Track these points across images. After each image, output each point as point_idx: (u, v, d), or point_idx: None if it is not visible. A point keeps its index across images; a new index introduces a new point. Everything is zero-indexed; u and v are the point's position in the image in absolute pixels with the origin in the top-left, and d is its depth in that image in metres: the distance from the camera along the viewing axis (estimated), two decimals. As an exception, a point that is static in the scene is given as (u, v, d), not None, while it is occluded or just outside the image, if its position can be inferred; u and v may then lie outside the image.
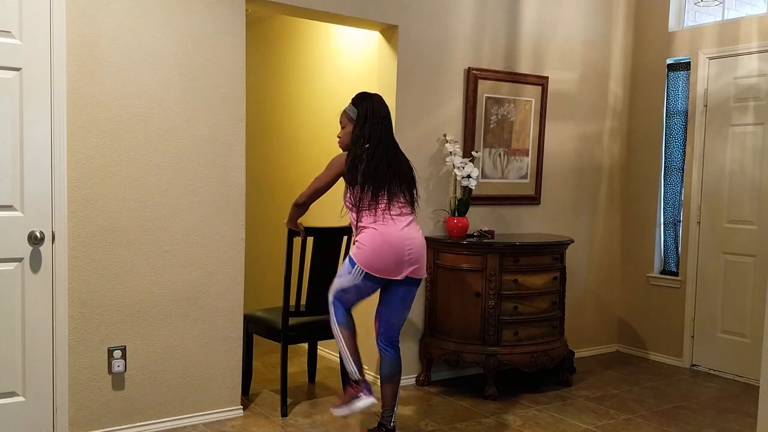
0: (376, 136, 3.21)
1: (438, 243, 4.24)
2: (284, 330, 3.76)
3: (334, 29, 4.79)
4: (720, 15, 4.95)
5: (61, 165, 3.13)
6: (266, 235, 5.45)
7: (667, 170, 5.11)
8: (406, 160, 3.33)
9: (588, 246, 5.16)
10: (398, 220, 3.17)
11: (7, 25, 3.00)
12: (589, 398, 4.21)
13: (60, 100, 3.11)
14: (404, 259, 3.13)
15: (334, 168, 3.29)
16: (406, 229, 3.17)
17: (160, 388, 3.46)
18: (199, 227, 3.52)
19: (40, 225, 3.11)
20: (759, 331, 4.26)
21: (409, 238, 3.15)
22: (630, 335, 5.33)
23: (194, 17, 3.44)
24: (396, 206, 3.19)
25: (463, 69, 4.41)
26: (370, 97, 3.31)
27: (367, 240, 3.14)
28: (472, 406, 4.01)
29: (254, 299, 4.85)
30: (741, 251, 4.64)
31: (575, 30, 4.93)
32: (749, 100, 4.59)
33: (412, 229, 3.19)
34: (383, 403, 3.29)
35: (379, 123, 3.22)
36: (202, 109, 3.50)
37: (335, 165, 3.29)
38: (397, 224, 3.16)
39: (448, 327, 4.21)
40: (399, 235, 3.14)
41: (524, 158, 4.75)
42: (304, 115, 5.16)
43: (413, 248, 3.16)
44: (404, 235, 3.15)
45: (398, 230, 3.15)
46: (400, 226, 3.16)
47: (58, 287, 3.16)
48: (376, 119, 3.22)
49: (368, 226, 3.16)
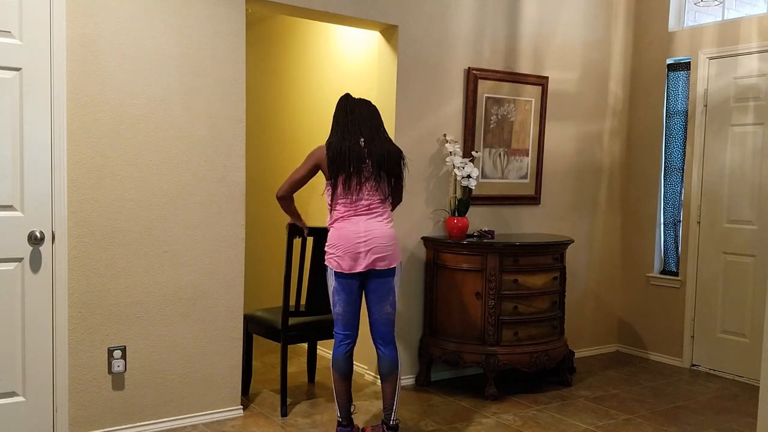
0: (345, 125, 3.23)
1: (438, 243, 4.24)
2: (284, 330, 3.76)
3: (334, 29, 4.79)
4: (720, 15, 4.95)
5: (61, 165, 3.13)
6: (266, 235, 5.45)
7: (667, 170, 5.11)
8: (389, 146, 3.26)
9: (588, 246, 5.16)
10: (363, 215, 3.18)
11: (7, 25, 3.00)
12: (589, 398, 4.21)
13: (60, 100, 3.11)
14: (360, 250, 3.14)
15: (311, 159, 3.30)
16: (368, 222, 3.17)
17: (160, 388, 3.46)
18: (199, 227, 3.52)
19: (40, 225, 3.11)
20: (759, 331, 4.25)
21: (366, 230, 3.15)
22: (630, 335, 5.33)
23: (194, 17, 3.44)
24: (365, 199, 3.19)
25: (463, 69, 4.41)
26: (345, 97, 3.33)
27: (330, 239, 3.23)
28: (472, 406, 4.01)
29: (254, 299, 4.85)
30: (741, 251, 4.64)
31: (575, 30, 4.93)
32: (749, 100, 4.59)
33: (373, 222, 3.17)
34: (383, 401, 3.30)
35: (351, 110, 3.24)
36: (202, 109, 3.50)
37: (312, 156, 3.30)
38: (359, 218, 3.18)
39: (448, 327, 4.21)
40: (354, 228, 3.16)
41: (524, 158, 4.75)
42: (304, 115, 5.16)
43: (370, 239, 3.14)
44: (361, 228, 3.16)
45: (355, 224, 3.17)
46: (363, 219, 3.17)
47: (58, 287, 3.16)
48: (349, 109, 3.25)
49: (332, 225, 3.25)
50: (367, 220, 3.18)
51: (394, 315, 3.29)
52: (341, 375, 3.28)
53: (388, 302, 3.24)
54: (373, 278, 3.20)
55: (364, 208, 3.19)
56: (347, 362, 3.29)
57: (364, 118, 3.24)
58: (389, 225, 3.24)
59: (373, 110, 3.31)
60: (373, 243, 3.14)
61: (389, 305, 3.25)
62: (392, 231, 3.24)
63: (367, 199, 3.19)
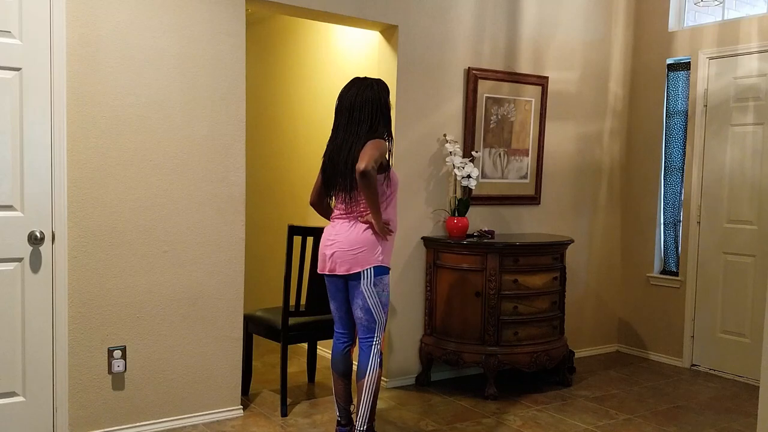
0: (336, 125, 3.17)
1: (438, 243, 4.24)
2: (284, 330, 3.76)
3: (334, 29, 4.79)
4: (720, 15, 4.94)
5: (61, 165, 3.13)
6: (266, 235, 5.45)
7: (667, 170, 5.11)
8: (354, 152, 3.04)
9: (588, 246, 5.16)
10: (337, 219, 3.19)
11: (7, 25, 3.00)
12: (589, 398, 4.21)
13: (60, 101, 3.11)
14: (326, 253, 3.16)
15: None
16: (338, 226, 3.16)
17: (160, 388, 3.46)
18: (199, 227, 3.52)
19: (40, 225, 3.11)
20: (759, 331, 4.26)
21: (334, 234, 3.14)
22: (630, 335, 5.33)
23: (194, 17, 3.44)
24: (339, 203, 3.18)
25: (463, 69, 4.41)
26: (347, 87, 3.20)
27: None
28: (472, 406, 4.01)
29: (254, 299, 4.85)
30: (741, 251, 4.64)
31: (575, 30, 4.93)
32: (749, 100, 4.59)
33: (341, 226, 3.14)
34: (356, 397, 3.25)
35: (341, 111, 3.14)
36: (202, 109, 3.50)
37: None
38: (334, 222, 3.20)
39: (448, 327, 4.21)
40: (327, 232, 3.20)
41: (524, 158, 4.75)
42: (304, 115, 5.16)
43: (333, 243, 3.13)
44: (331, 232, 3.16)
45: (330, 227, 3.20)
46: (338, 223, 3.17)
47: (58, 287, 3.16)
48: (341, 106, 3.15)
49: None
50: (339, 225, 3.16)
51: (367, 321, 3.14)
52: (338, 374, 3.28)
53: (359, 306, 3.14)
54: (348, 281, 3.18)
55: (340, 212, 3.19)
56: (344, 361, 3.29)
57: (343, 117, 3.13)
58: (356, 230, 3.10)
59: (356, 99, 3.10)
60: (334, 248, 3.13)
61: (359, 310, 3.14)
62: (357, 237, 3.09)
63: (340, 204, 3.18)
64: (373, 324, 3.16)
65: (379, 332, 3.18)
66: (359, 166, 2.92)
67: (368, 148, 3.00)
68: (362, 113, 3.09)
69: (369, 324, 3.15)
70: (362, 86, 3.14)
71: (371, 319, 3.14)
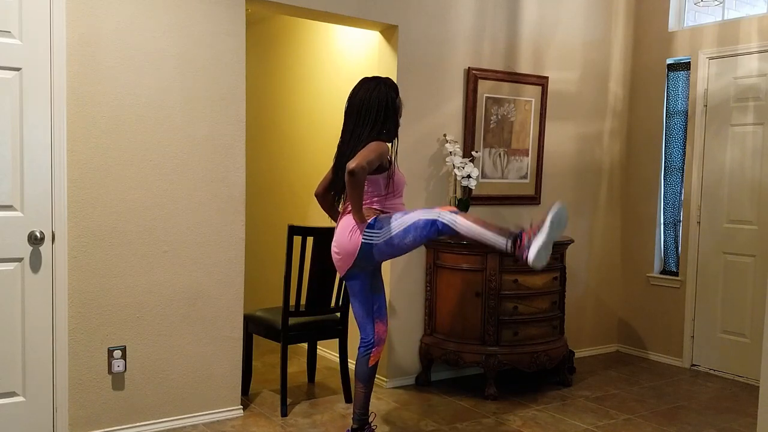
0: (344, 128, 3.18)
1: (438, 243, 4.23)
2: (284, 330, 3.76)
3: (334, 29, 4.79)
4: (720, 15, 4.94)
5: (61, 165, 3.13)
6: (266, 235, 5.45)
7: (667, 170, 5.11)
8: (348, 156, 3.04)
9: (588, 246, 5.16)
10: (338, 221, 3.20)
11: (7, 25, 3.00)
12: (589, 398, 4.21)
13: (60, 100, 3.11)
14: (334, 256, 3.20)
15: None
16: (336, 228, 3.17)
17: (160, 388, 3.46)
18: (199, 227, 3.52)
19: (40, 225, 3.11)
20: (759, 331, 4.25)
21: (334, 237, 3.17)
22: (630, 335, 5.33)
23: (194, 17, 3.44)
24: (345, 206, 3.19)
25: (463, 69, 4.41)
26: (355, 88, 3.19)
27: None
28: (472, 406, 4.01)
29: (254, 299, 4.84)
30: (741, 251, 4.64)
31: (575, 30, 4.93)
32: (749, 100, 4.59)
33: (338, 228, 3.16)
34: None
35: (350, 114, 3.15)
36: (202, 109, 3.50)
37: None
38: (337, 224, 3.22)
39: (448, 327, 4.21)
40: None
41: (524, 158, 4.75)
42: (304, 115, 5.16)
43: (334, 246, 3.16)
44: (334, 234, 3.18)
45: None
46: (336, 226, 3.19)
47: (58, 287, 3.16)
48: (350, 109, 3.15)
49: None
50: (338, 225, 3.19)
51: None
52: (357, 378, 3.22)
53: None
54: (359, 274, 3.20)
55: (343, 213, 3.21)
56: (362, 366, 3.20)
57: (351, 119, 3.14)
58: (343, 229, 3.10)
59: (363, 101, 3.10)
60: (335, 249, 3.16)
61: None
62: (341, 237, 3.09)
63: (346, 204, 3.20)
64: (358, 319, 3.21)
65: (437, 216, 2.96)
66: (349, 164, 2.91)
67: (365, 149, 3.00)
68: (368, 115, 3.09)
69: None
70: (370, 87, 3.14)
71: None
